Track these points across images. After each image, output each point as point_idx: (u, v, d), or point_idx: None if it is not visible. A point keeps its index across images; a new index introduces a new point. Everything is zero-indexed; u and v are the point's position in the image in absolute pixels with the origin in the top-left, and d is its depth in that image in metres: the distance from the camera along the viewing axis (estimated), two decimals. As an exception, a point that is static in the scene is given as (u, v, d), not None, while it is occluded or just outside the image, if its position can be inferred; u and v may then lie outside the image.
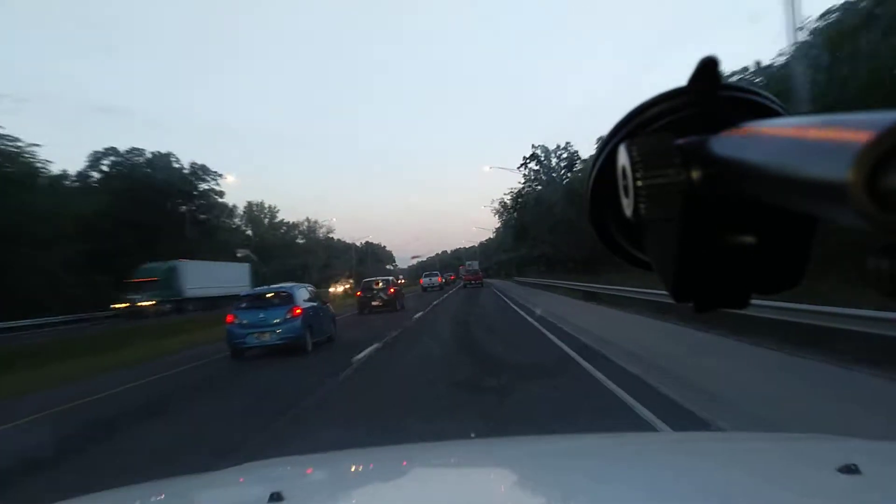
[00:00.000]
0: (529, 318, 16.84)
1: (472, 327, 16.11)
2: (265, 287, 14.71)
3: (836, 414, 5.16)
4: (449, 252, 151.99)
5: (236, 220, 74.97)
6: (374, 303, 24.29)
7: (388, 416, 6.44)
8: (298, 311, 12.52)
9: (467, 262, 73.19)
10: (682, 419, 5.22)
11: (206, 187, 54.94)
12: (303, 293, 13.47)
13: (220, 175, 56.32)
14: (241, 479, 1.70)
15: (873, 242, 0.29)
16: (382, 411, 6.77)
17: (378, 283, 25.45)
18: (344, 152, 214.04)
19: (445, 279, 61.02)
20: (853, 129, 0.28)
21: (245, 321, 12.40)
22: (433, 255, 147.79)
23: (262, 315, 12.40)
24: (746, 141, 0.38)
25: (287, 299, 12.79)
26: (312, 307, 13.33)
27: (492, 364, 9.32)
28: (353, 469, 1.73)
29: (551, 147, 53.88)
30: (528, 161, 54.85)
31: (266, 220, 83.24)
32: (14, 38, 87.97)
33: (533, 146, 55.15)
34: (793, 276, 0.46)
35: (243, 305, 12.91)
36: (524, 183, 55.88)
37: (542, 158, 53.60)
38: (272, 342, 12.22)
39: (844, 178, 0.27)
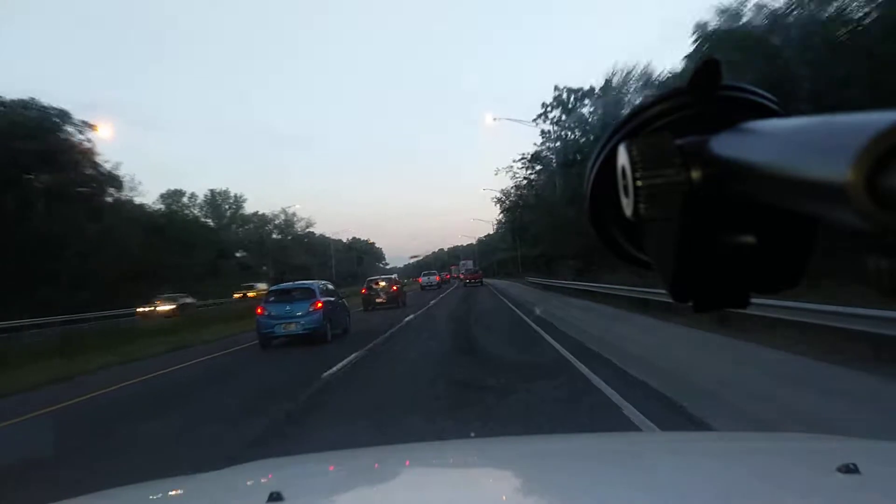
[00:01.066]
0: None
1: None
2: (290, 283, 15.26)
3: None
4: (446, 250, 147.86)
5: (194, 210, 65.86)
6: (378, 300, 24.72)
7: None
8: (320, 304, 13.27)
9: (461, 262, 72.64)
10: None
11: (67, 141, 33.98)
12: (323, 289, 14.17)
13: (89, 125, 34.58)
14: (241, 480, 1.65)
15: (873, 242, 0.28)
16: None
17: (380, 283, 26.09)
18: (334, 146, 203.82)
19: (441, 278, 58.90)
20: (853, 129, 0.27)
21: (273, 313, 13.17)
22: (429, 253, 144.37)
23: (287, 308, 13.14)
24: (746, 141, 0.37)
25: (309, 294, 13.49)
26: (331, 301, 14.01)
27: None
28: (352, 469, 1.68)
29: (584, 90, 37.02)
30: (548, 109, 38.19)
31: (229, 212, 71.62)
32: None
33: (556, 88, 38.23)
34: (793, 275, 0.44)
35: (272, 300, 13.69)
36: (542, 143, 40.30)
37: (570, 105, 37.69)
38: (297, 332, 12.93)
39: (844, 178, 0.26)
